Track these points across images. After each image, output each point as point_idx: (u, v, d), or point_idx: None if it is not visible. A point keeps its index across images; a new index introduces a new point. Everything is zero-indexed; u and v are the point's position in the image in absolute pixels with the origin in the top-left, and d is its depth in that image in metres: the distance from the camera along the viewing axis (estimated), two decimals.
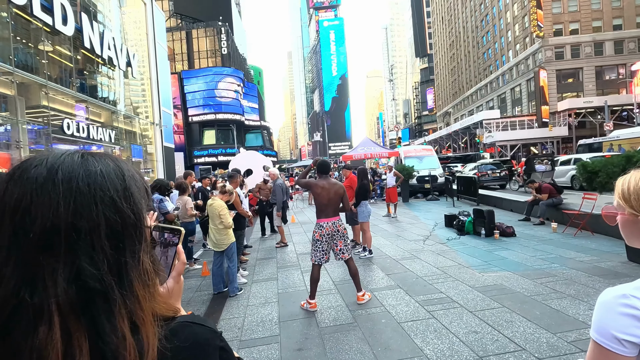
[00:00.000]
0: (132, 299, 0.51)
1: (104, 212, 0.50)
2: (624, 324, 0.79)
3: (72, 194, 0.49)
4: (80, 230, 0.48)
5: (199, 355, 0.57)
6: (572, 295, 4.13)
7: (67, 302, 0.46)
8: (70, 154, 0.54)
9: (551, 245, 6.45)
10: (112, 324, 0.48)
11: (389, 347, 3.29)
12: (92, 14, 16.25)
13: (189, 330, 0.58)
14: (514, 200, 10.78)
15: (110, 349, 0.47)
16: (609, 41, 39.10)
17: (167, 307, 0.58)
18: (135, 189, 0.57)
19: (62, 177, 0.49)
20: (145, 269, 0.55)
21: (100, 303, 0.48)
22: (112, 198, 0.52)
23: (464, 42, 61.72)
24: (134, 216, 0.54)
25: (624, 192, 0.92)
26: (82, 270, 0.47)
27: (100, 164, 0.54)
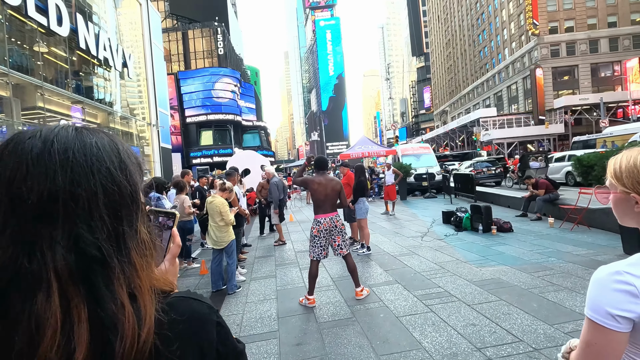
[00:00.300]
0: (129, 267, 0.52)
1: (101, 181, 0.51)
2: (617, 300, 0.80)
3: (68, 164, 0.49)
4: (78, 199, 0.48)
5: (195, 328, 0.58)
6: (569, 288, 4.16)
7: (65, 270, 0.46)
8: (64, 127, 0.54)
9: (548, 240, 6.49)
10: (111, 291, 0.48)
11: (387, 341, 3.30)
12: (87, 15, 16.19)
13: (186, 304, 0.58)
14: (511, 197, 10.82)
15: (108, 316, 0.47)
16: (604, 38, 39.32)
17: (164, 281, 0.58)
18: (130, 162, 0.57)
19: (57, 148, 0.49)
20: (142, 239, 0.56)
21: (99, 270, 0.48)
22: (109, 169, 0.52)
23: (460, 41, 61.88)
24: (130, 187, 0.55)
25: (616, 171, 0.93)
26: (81, 238, 0.47)
27: (94, 137, 0.54)
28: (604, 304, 0.82)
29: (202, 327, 0.59)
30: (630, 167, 0.89)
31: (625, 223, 0.96)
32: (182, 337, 0.54)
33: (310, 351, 3.24)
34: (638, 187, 0.86)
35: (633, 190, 0.87)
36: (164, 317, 0.53)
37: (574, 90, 39.76)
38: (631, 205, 0.89)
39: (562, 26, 40.04)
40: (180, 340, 0.54)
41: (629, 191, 0.88)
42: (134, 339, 0.48)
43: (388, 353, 3.08)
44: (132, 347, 0.47)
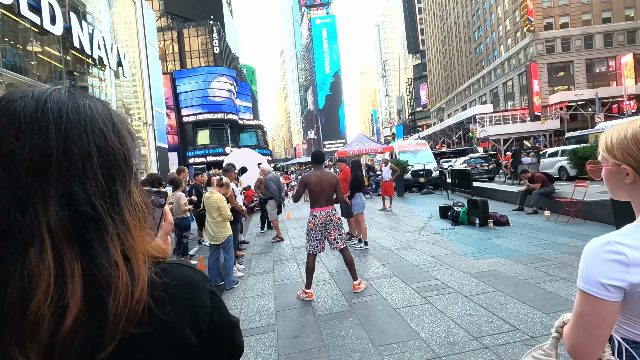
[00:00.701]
0: (123, 227, 0.52)
1: (95, 141, 0.51)
2: (609, 269, 0.81)
3: (62, 123, 0.49)
4: (72, 157, 0.48)
5: (189, 293, 0.58)
6: (565, 278, 4.19)
7: (58, 226, 0.46)
8: (57, 88, 0.53)
9: (544, 233, 6.52)
10: (105, 250, 0.48)
11: (385, 332, 3.31)
12: (81, 14, 16.07)
13: (179, 270, 0.58)
14: (507, 191, 10.88)
15: (102, 273, 0.47)
16: (598, 34, 39.48)
17: (157, 249, 0.58)
18: (123, 128, 0.57)
19: (51, 107, 0.49)
20: (135, 201, 0.56)
21: (92, 228, 0.48)
22: (102, 130, 0.52)
23: (455, 38, 61.95)
24: (124, 150, 0.55)
25: (607, 144, 0.94)
26: (74, 195, 0.47)
27: (87, 100, 0.54)
28: (595, 274, 0.82)
29: (195, 292, 0.59)
30: (621, 139, 0.90)
31: (617, 197, 0.97)
32: (175, 300, 0.54)
33: (308, 343, 3.25)
34: (628, 158, 0.87)
35: (624, 161, 0.88)
36: (157, 279, 0.53)
37: (569, 86, 39.93)
38: (622, 177, 0.89)
39: (557, 22, 40.17)
40: (174, 303, 0.54)
41: (619, 163, 0.89)
42: (127, 297, 0.48)
43: (386, 344, 3.09)
44: (125, 306, 0.47)
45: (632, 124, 0.90)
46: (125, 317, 0.47)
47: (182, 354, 0.55)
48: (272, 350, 3.19)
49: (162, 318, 0.52)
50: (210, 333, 0.60)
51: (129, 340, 0.49)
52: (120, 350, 0.48)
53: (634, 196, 0.90)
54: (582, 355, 0.87)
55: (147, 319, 0.50)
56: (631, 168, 0.86)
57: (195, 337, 0.57)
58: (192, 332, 0.56)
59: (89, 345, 0.46)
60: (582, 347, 0.86)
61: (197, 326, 0.57)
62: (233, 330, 0.67)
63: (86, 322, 0.45)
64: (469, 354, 2.80)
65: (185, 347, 0.55)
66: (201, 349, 0.58)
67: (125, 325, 0.48)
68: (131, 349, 0.50)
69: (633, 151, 0.86)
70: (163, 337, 0.53)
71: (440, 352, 2.87)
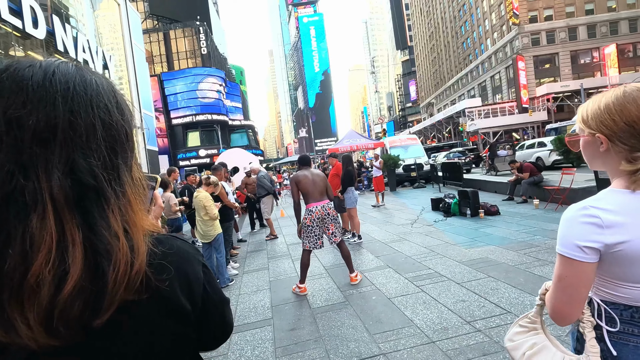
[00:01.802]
0: (124, 200, 0.53)
1: (100, 115, 0.52)
2: (584, 232, 0.85)
3: (69, 94, 0.50)
4: (77, 128, 0.49)
5: (183, 262, 0.60)
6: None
7: (61, 194, 0.47)
8: (64, 61, 0.54)
9: (534, 220, 6.64)
10: (105, 221, 0.50)
11: (380, 321, 3.35)
12: (64, 17, 15.81)
13: (173, 241, 0.60)
14: (497, 182, 11.03)
15: (102, 243, 0.48)
16: (582, 26, 40.13)
17: (152, 225, 0.59)
18: (125, 106, 0.59)
19: (59, 78, 0.50)
20: (136, 177, 0.58)
21: (94, 198, 0.49)
22: (107, 105, 0.54)
23: (443, 33, 62.38)
24: (126, 127, 0.57)
25: (583, 116, 0.98)
26: (77, 165, 0.48)
27: (94, 76, 0.55)
28: (572, 238, 0.86)
29: (188, 262, 0.61)
30: (595, 109, 0.94)
31: (594, 166, 1.00)
32: (168, 270, 0.55)
33: (304, 335, 3.28)
34: (602, 127, 0.91)
35: (598, 130, 0.92)
36: (153, 249, 0.55)
37: (555, 77, 40.54)
38: (597, 146, 0.93)
39: (541, 15, 40.71)
40: (167, 273, 0.55)
41: (594, 132, 0.93)
42: (127, 268, 0.49)
43: (381, 332, 3.13)
44: (125, 275, 0.49)
45: (605, 95, 0.94)
46: (124, 286, 0.49)
47: (177, 320, 0.57)
48: (269, 344, 3.21)
49: (158, 285, 0.53)
50: (203, 305, 0.62)
51: (125, 306, 0.50)
52: (118, 315, 0.49)
53: (608, 163, 0.93)
54: (562, 316, 0.91)
55: (145, 286, 0.52)
56: (604, 136, 0.90)
57: (190, 306, 0.58)
58: (187, 299, 0.58)
59: (87, 311, 0.47)
60: (562, 309, 0.90)
61: (191, 295, 0.59)
62: (224, 306, 0.69)
63: (86, 288, 0.46)
64: (462, 337, 2.86)
65: (180, 313, 0.57)
66: (195, 318, 0.60)
67: (124, 293, 0.49)
68: (128, 314, 0.51)
69: (606, 120, 0.90)
70: (159, 303, 0.54)
71: (434, 337, 2.92)
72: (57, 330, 0.45)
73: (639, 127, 0.85)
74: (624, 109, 0.87)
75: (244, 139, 47.92)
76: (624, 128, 0.87)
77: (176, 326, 0.57)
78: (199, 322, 0.61)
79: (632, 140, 0.86)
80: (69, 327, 0.46)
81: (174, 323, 0.56)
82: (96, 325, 0.48)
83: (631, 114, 0.86)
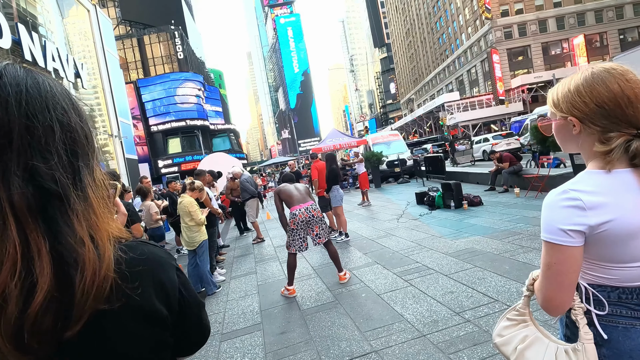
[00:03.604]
0: (86, 204, 0.51)
1: (57, 117, 0.50)
2: (567, 215, 0.83)
3: (22, 97, 0.47)
4: (34, 132, 0.47)
5: (155, 268, 0.57)
6: (537, 249, 4.36)
7: (22, 202, 0.44)
8: (10, 63, 0.51)
9: (515, 209, 6.78)
10: (70, 227, 0.47)
11: (370, 318, 3.33)
12: (31, 25, 15.23)
13: (144, 247, 0.58)
14: (478, 173, 11.24)
15: (68, 251, 0.46)
16: (551, 18, 41.39)
17: (119, 230, 0.57)
18: (81, 108, 0.57)
19: (8, 81, 0.48)
20: (98, 179, 0.55)
21: (56, 205, 0.47)
22: (63, 107, 0.51)
23: (419, 29, 63.26)
24: (85, 128, 0.55)
25: (554, 100, 0.97)
26: (37, 170, 0.46)
27: (45, 77, 0.53)
28: (556, 223, 0.85)
29: (161, 267, 0.59)
30: (565, 92, 0.93)
31: (567, 149, 1.00)
32: (142, 275, 0.54)
33: (294, 338, 3.23)
34: (573, 110, 0.90)
35: (569, 113, 0.91)
36: (122, 255, 0.52)
37: (528, 69, 41.66)
38: (570, 129, 0.92)
39: (512, 9, 41.77)
40: (141, 278, 0.53)
41: (566, 115, 0.92)
42: (95, 275, 0.47)
43: (372, 329, 3.11)
44: (93, 283, 0.46)
45: (574, 77, 0.93)
46: (93, 295, 0.46)
47: (154, 326, 0.55)
48: (259, 349, 3.14)
49: (129, 293, 0.51)
50: (180, 309, 0.60)
51: (98, 316, 0.48)
52: (90, 326, 0.47)
53: (582, 146, 0.93)
54: (555, 305, 0.88)
55: (115, 294, 0.50)
56: (576, 119, 0.89)
57: (166, 310, 0.56)
58: (163, 304, 0.56)
59: (59, 323, 0.44)
60: (553, 297, 0.87)
61: (167, 300, 0.57)
62: (200, 309, 0.68)
63: (55, 300, 0.44)
64: (452, 329, 2.87)
65: (156, 319, 0.55)
66: (172, 322, 0.58)
67: (93, 302, 0.47)
68: (101, 323, 0.49)
69: (577, 102, 0.89)
70: (133, 310, 0.52)
71: (424, 331, 2.92)
72: (28, 346, 0.43)
73: (610, 107, 0.85)
74: (594, 90, 0.87)
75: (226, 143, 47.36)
76: (595, 110, 0.86)
77: (153, 332, 0.55)
78: (176, 326, 0.60)
79: (603, 121, 0.86)
80: (41, 341, 0.44)
81: (150, 329, 0.54)
82: (68, 337, 0.45)
83: (601, 95, 0.85)
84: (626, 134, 0.84)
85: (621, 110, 0.83)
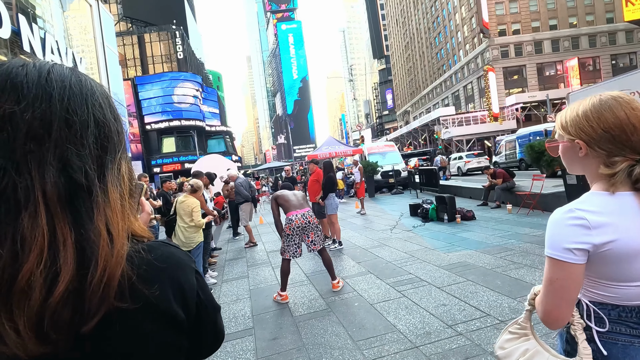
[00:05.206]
0: (106, 198, 0.52)
1: (94, 113, 0.53)
2: (572, 234, 0.87)
3: (65, 93, 0.50)
4: (72, 125, 0.49)
5: (175, 270, 0.58)
6: (528, 265, 4.43)
7: (54, 192, 0.46)
8: (58, 63, 0.55)
9: (508, 225, 6.87)
10: (92, 219, 0.49)
11: (363, 327, 3.34)
12: (31, 16, 15.13)
13: (165, 248, 0.59)
14: (472, 188, 11.37)
15: (90, 243, 0.47)
16: (547, 40, 42.43)
17: (141, 229, 0.58)
18: (116, 108, 0.60)
19: (54, 77, 0.51)
20: (122, 173, 0.57)
21: (83, 197, 0.49)
22: (101, 104, 0.55)
23: (418, 43, 64.23)
24: (117, 125, 0.58)
25: (562, 123, 1.01)
26: (70, 163, 0.48)
27: (88, 78, 0.57)
28: (561, 240, 0.88)
29: (181, 270, 0.59)
30: (573, 116, 0.97)
31: (573, 171, 1.04)
32: (162, 276, 0.55)
33: (286, 344, 3.21)
34: (581, 133, 0.95)
35: (577, 136, 0.95)
36: (143, 255, 0.53)
37: (523, 88, 42.50)
38: (576, 151, 0.97)
39: (509, 29, 42.75)
40: (160, 280, 0.54)
41: (573, 138, 0.96)
42: (104, 270, 0.47)
43: (364, 338, 3.12)
44: (101, 279, 0.47)
45: (583, 103, 0.98)
46: (109, 290, 0.47)
47: (171, 328, 0.55)
48: (251, 354, 3.13)
49: (150, 293, 0.52)
50: (197, 312, 0.61)
51: (116, 314, 0.49)
52: (108, 324, 0.48)
53: (587, 168, 0.97)
54: (554, 319, 0.92)
55: (134, 293, 0.50)
56: (583, 142, 0.94)
57: (183, 313, 0.57)
58: (180, 307, 0.56)
59: (77, 316, 0.45)
60: (554, 312, 0.91)
61: (185, 302, 0.58)
62: (216, 314, 0.68)
63: (75, 291, 0.45)
64: (444, 341, 2.89)
65: (173, 322, 0.55)
66: (188, 326, 0.58)
67: (107, 297, 0.47)
68: (118, 322, 0.49)
69: (584, 127, 0.94)
70: (151, 312, 0.52)
71: (417, 342, 2.93)
72: (47, 336, 0.43)
73: (616, 133, 0.89)
74: (601, 116, 0.91)
75: (221, 145, 47.17)
76: (601, 134, 0.91)
77: (169, 335, 0.55)
78: (193, 330, 0.61)
79: (609, 146, 0.90)
80: (60, 332, 0.44)
81: (167, 332, 0.55)
82: (84, 331, 0.46)
83: (608, 121, 0.90)
84: (630, 159, 0.89)
85: (626, 136, 0.88)
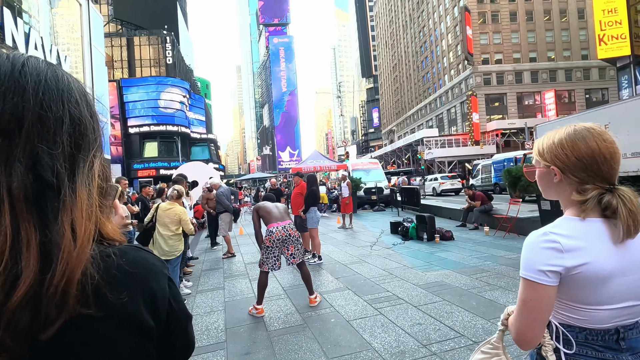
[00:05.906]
0: (74, 198, 0.50)
1: (69, 110, 0.50)
2: (546, 257, 0.90)
3: (40, 87, 0.48)
4: (45, 122, 0.47)
5: (147, 276, 0.56)
6: (502, 287, 4.51)
7: (21, 190, 0.43)
8: (32, 56, 0.53)
9: (484, 246, 7.01)
10: (57, 220, 0.46)
11: (338, 344, 3.29)
12: (17, 11, 14.80)
13: (137, 253, 0.57)
14: (451, 208, 11.58)
15: (52, 244, 0.45)
16: (526, 71, 44.50)
17: (114, 232, 0.56)
18: (93, 105, 0.57)
19: (29, 71, 0.49)
20: (94, 172, 0.54)
21: (51, 197, 0.46)
22: (77, 100, 0.52)
23: (405, 65, 66.12)
24: (93, 123, 0.55)
25: (539, 150, 1.06)
26: (40, 161, 0.46)
27: (65, 73, 0.54)
28: (535, 263, 0.91)
29: (153, 276, 0.57)
30: (550, 144, 1.02)
31: (548, 196, 1.08)
32: (132, 282, 0.52)
33: (259, 359, 3.13)
34: (556, 160, 0.99)
35: (552, 163, 1.00)
36: (113, 259, 0.51)
37: (503, 115, 44.16)
38: (551, 177, 1.01)
39: (492, 58, 44.65)
40: (130, 286, 0.52)
41: (549, 164, 1.01)
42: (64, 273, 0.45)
43: (339, 356, 3.07)
44: (59, 282, 0.44)
45: (559, 132, 1.03)
46: (61, 292, 0.44)
47: (139, 336, 0.53)
48: None
49: (118, 299, 0.49)
50: (167, 321, 0.58)
51: (80, 321, 0.46)
52: (70, 331, 0.45)
53: (561, 194, 1.01)
54: (527, 339, 0.94)
55: (99, 299, 0.48)
56: (558, 169, 0.98)
57: (153, 321, 0.54)
58: (150, 315, 0.54)
59: (36, 322, 0.42)
60: (526, 332, 0.93)
61: (155, 310, 0.55)
62: (187, 323, 0.66)
63: (35, 296, 0.42)
64: None
65: (142, 329, 0.53)
66: (157, 335, 0.56)
67: (67, 302, 0.44)
68: (81, 329, 0.47)
69: (559, 154, 0.98)
70: (118, 318, 0.50)
71: None
72: (3, 343, 0.41)
73: (587, 162, 0.94)
74: (575, 145, 0.96)
75: (205, 152, 46.67)
76: (574, 162, 0.95)
77: (137, 343, 0.52)
78: (162, 339, 0.58)
79: (581, 174, 0.95)
80: (17, 339, 0.41)
81: (134, 340, 0.52)
82: (43, 339, 0.43)
83: (581, 150, 0.95)
84: (600, 188, 0.93)
85: (597, 165, 0.93)
